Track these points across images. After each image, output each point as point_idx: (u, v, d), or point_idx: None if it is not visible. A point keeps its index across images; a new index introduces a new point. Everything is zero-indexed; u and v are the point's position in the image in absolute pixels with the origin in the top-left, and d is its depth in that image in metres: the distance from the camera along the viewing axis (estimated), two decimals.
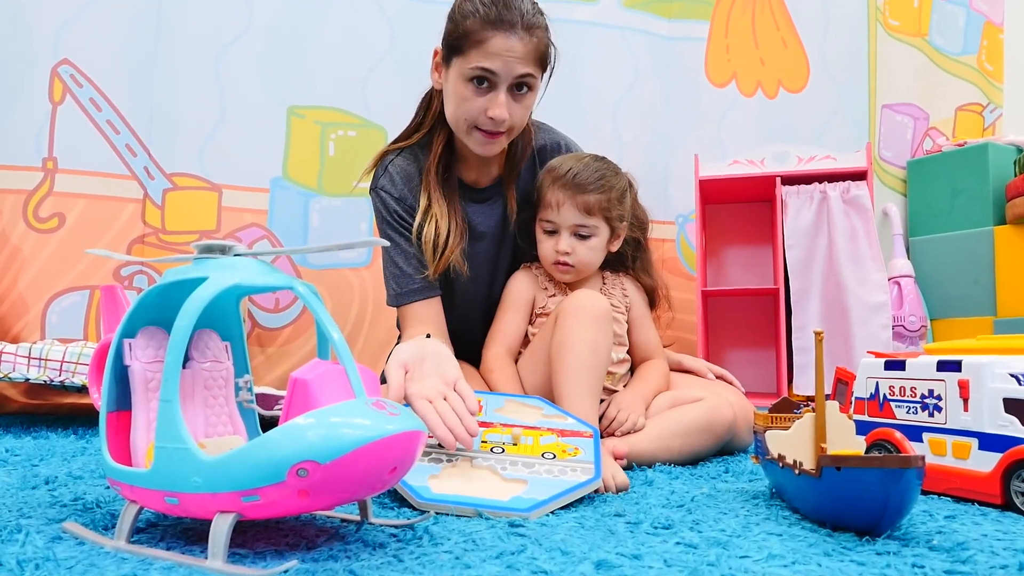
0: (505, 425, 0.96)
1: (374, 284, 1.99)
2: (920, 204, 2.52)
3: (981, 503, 0.87)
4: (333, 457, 0.58)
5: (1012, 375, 0.87)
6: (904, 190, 2.55)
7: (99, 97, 1.83)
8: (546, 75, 1.21)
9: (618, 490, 0.91)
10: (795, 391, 1.81)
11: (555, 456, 0.90)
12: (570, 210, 1.23)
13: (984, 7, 2.68)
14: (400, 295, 1.25)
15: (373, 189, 1.29)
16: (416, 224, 1.22)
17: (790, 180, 1.86)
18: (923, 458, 0.67)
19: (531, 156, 1.35)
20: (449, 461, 0.88)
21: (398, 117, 2.05)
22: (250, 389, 0.76)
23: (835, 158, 1.83)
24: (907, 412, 0.98)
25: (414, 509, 0.83)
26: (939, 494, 0.93)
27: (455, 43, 1.16)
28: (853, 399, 1.06)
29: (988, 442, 0.87)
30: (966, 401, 0.90)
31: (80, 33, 1.81)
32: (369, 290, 1.99)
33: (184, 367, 0.78)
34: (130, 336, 0.74)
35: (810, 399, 1.81)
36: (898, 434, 0.98)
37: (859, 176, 1.83)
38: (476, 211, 1.30)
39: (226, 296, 0.79)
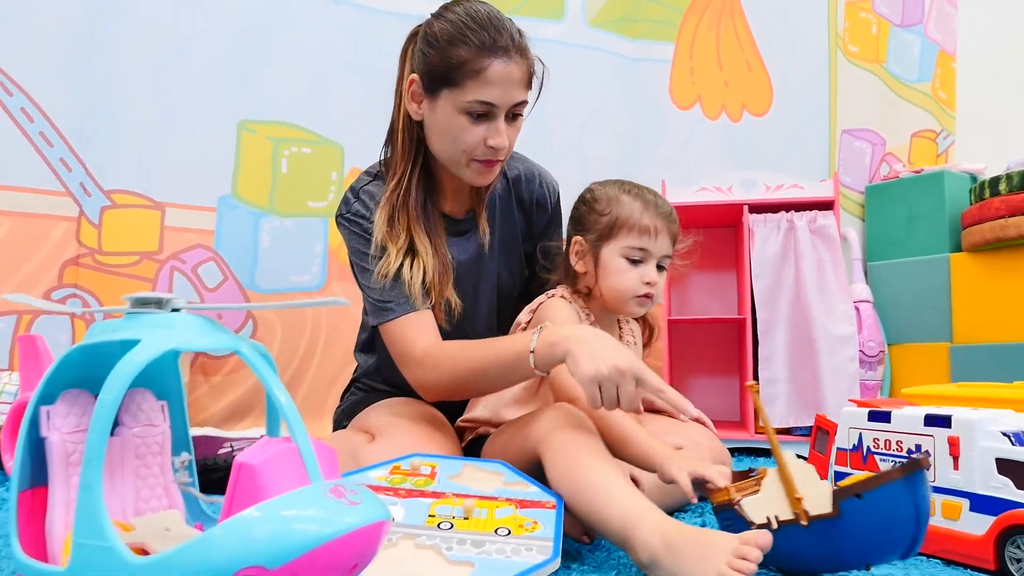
0: (458, 495, 0.87)
1: (328, 309, 1.90)
2: (878, 229, 2.54)
3: (972, 568, 0.83)
4: (284, 561, 0.50)
5: (1004, 434, 0.84)
6: (863, 215, 2.57)
7: (31, 107, 1.69)
8: (532, 94, 1.15)
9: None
10: (761, 423, 1.78)
11: (510, 532, 0.81)
12: (665, 239, 1.15)
13: (938, 36, 2.72)
14: (392, 307, 1.11)
15: (344, 216, 1.18)
16: (394, 265, 1.10)
17: (757, 208, 1.83)
18: (928, 455, 0.65)
19: (506, 186, 1.28)
20: (389, 541, 0.80)
21: (356, 133, 1.98)
22: (189, 468, 0.67)
23: (803, 187, 1.81)
24: (893, 466, 0.93)
25: None
26: (928, 555, 0.89)
27: (444, 74, 1.07)
28: (835, 449, 1.02)
29: (980, 504, 0.83)
30: (956, 459, 0.86)
31: (11, 38, 1.67)
32: (322, 316, 1.90)
33: (112, 433, 0.69)
34: (49, 402, 0.65)
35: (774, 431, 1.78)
36: None
37: (826, 205, 1.81)
38: (454, 244, 1.21)
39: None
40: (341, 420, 1.32)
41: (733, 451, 1.72)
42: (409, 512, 0.84)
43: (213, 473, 1.21)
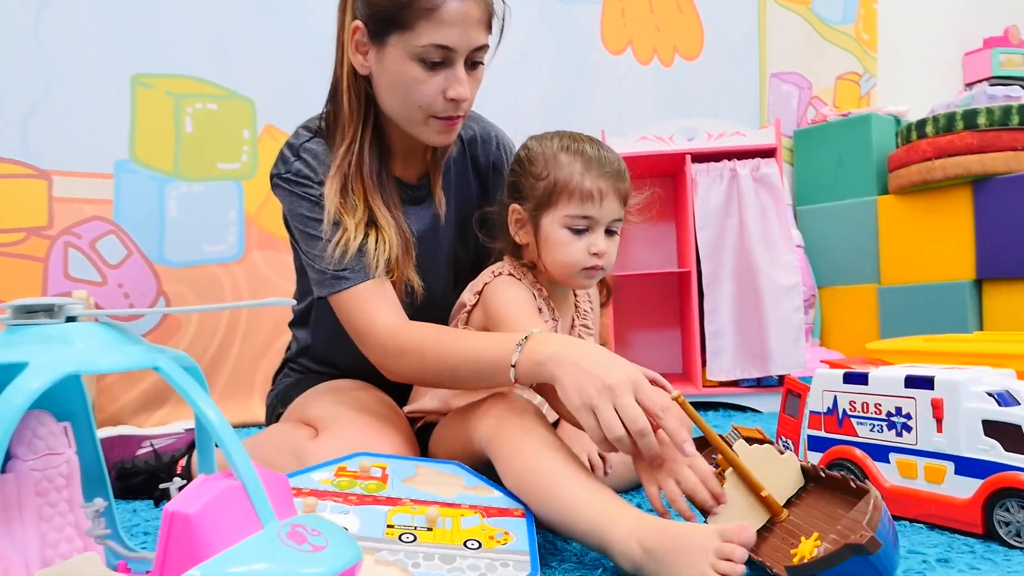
0: (417, 502, 0.78)
1: (248, 281, 1.75)
2: (806, 174, 2.55)
3: (959, 532, 0.81)
4: None
5: (990, 394, 0.81)
6: (791, 159, 2.58)
7: None
8: (493, 40, 1.02)
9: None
10: (708, 376, 1.76)
11: (480, 545, 0.73)
12: (613, 202, 1.01)
13: None
14: (346, 275, 0.98)
15: (282, 177, 1.03)
16: (354, 241, 0.97)
17: (699, 157, 1.78)
18: (872, 537, 0.61)
19: (461, 149, 1.16)
20: None
21: (268, 86, 1.81)
22: (106, 514, 0.56)
23: (744, 134, 1.76)
24: (871, 430, 0.90)
25: None
26: (910, 520, 0.86)
27: (394, 15, 0.94)
28: (807, 412, 0.99)
29: (966, 466, 0.81)
30: (939, 421, 0.83)
31: None
32: (243, 288, 1.75)
33: (4, 470, 0.57)
34: None
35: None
36: (859, 452, 0.91)
37: (767, 153, 1.77)
38: (409, 213, 1.08)
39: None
40: (275, 407, 1.20)
41: None
42: (364, 522, 0.74)
43: (133, 478, 1.07)
